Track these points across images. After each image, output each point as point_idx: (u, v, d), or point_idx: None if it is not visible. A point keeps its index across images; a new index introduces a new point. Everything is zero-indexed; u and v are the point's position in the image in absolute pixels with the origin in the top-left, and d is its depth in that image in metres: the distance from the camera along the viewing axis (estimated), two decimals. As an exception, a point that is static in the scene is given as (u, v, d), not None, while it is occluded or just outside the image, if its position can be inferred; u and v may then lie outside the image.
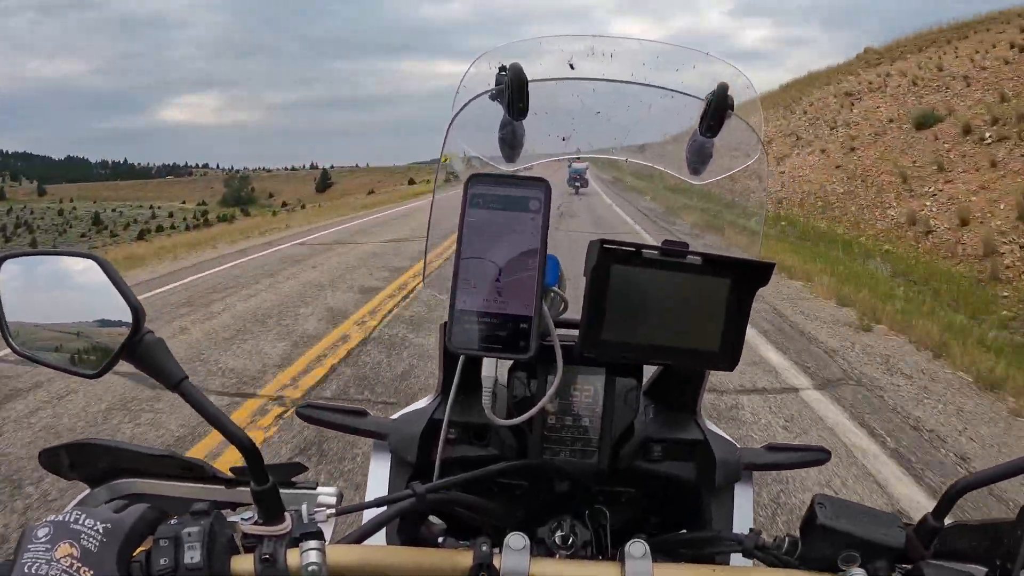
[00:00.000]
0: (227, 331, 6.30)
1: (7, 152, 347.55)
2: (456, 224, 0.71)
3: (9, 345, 0.69)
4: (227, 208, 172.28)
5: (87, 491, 0.81)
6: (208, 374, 5.05)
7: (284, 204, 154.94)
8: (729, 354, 0.79)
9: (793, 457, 1.00)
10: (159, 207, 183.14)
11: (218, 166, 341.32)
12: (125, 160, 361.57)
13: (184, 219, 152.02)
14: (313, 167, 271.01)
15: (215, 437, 3.75)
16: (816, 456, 1.00)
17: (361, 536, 0.72)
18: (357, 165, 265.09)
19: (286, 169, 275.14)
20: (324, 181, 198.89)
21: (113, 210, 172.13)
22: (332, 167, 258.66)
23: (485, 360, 0.80)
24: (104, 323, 0.67)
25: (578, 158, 0.97)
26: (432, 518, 0.93)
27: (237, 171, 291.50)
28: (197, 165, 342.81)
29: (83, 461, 0.80)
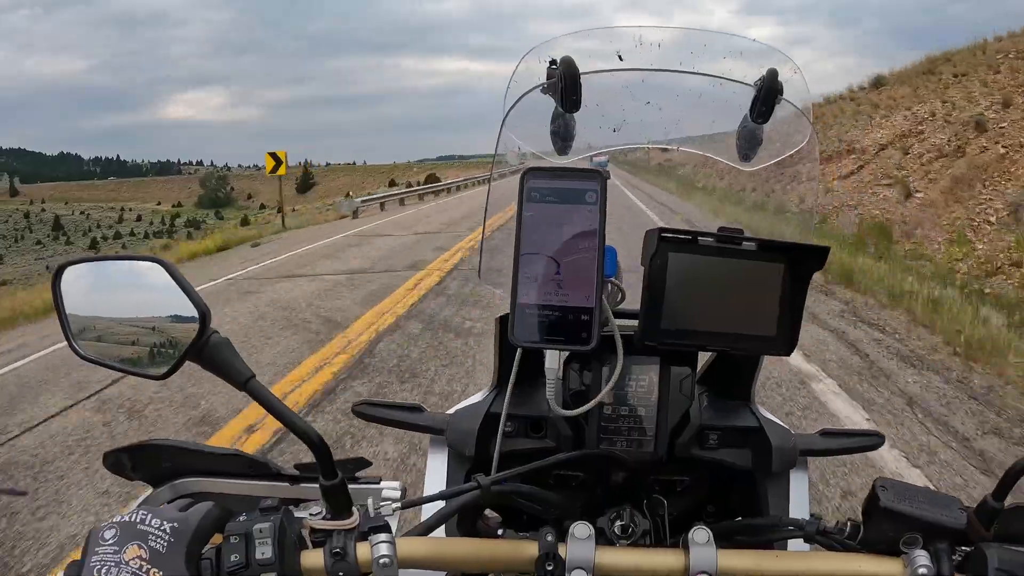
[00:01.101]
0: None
1: (1, 148, 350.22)
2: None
3: (73, 349, 0.71)
4: (202, 210, 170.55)
5: (149, 491, 0.82)
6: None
7: (262, 206, 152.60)
8: (786, 339, 0.81)
9: (847, 442, 1.03)
10: (131, 208, 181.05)
11: (212, 163, 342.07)
12: (118, 157, 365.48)
13: (151, 222, 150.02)
14: (306, 165, 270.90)
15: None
16: (870, 441, 1.03)
17: (427, 529, 0.75)
18: (354, 163, 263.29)
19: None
20: (306, 181, 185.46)
21: (82, 212, 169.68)
22: (328, 164, 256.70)
23: (548, 353, 0.81)
24: (170, 324, 0.69)
25: (598, 153, 0.99)
26: (488, 511, 0.95)
27: (228, 168, 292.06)
28: (191, 162, 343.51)
29: (145, 462, 0.82)
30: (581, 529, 0.70)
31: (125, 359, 0.72)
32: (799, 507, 0.96)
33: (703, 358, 1.01)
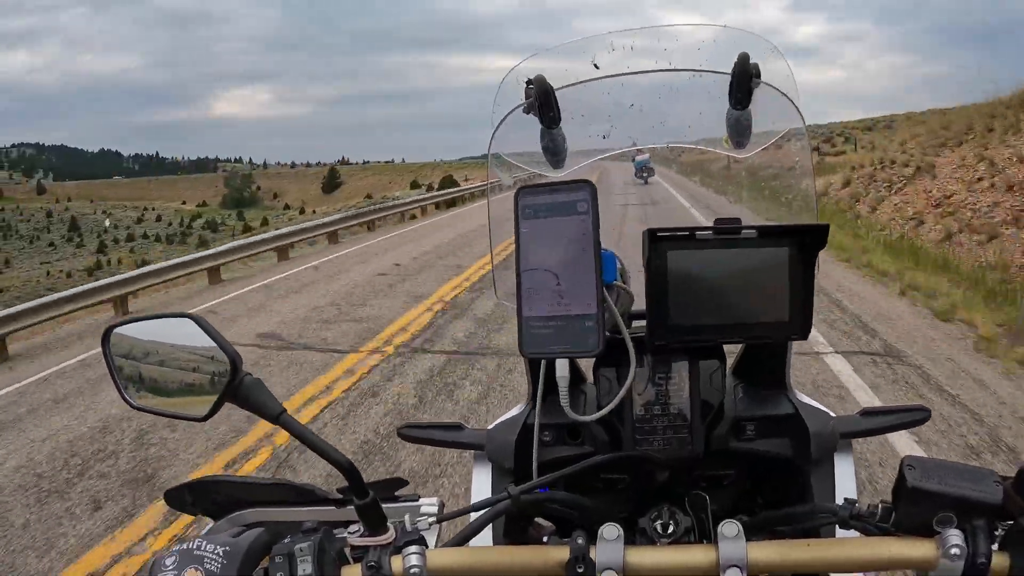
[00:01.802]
0: None
1: (44, 145, 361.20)
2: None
3: (125, 400, 0.81)
4: (226, 210, 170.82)
5: (211, 524, 0.90)
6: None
7: (287, 207, 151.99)
8: (800, 322, 0.83)
9: (890, 420, 1.01)
10: (153, 208, 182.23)
11: (250, 160, 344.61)
12: (157, 154, 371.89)
13: (169, 223, 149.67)
14: (344, 162, 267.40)
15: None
16: (915, 416, 1.00)
17: (462, 540, 0.79)
18: (392, 160, 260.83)
19: (315, 164, 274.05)
20: (332, 181, 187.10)
21: (104, 212, 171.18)
22: (365, 162, 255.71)
23: (558, 361, 0.85)
24: (205, 371, 0.77)
25: (640, 151, 1.03)
26: (541, 520, 0.98)
27: (265, 166, 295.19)
28: (229, 159, 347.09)
29: (204, 497, 0.91)
30: (610, 531, 0.71)
31: (170, 405, 0.81)
32: (845, 491, 0.95)
33: (733, 351, 1.03)
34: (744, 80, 0.89)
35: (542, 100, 0.90)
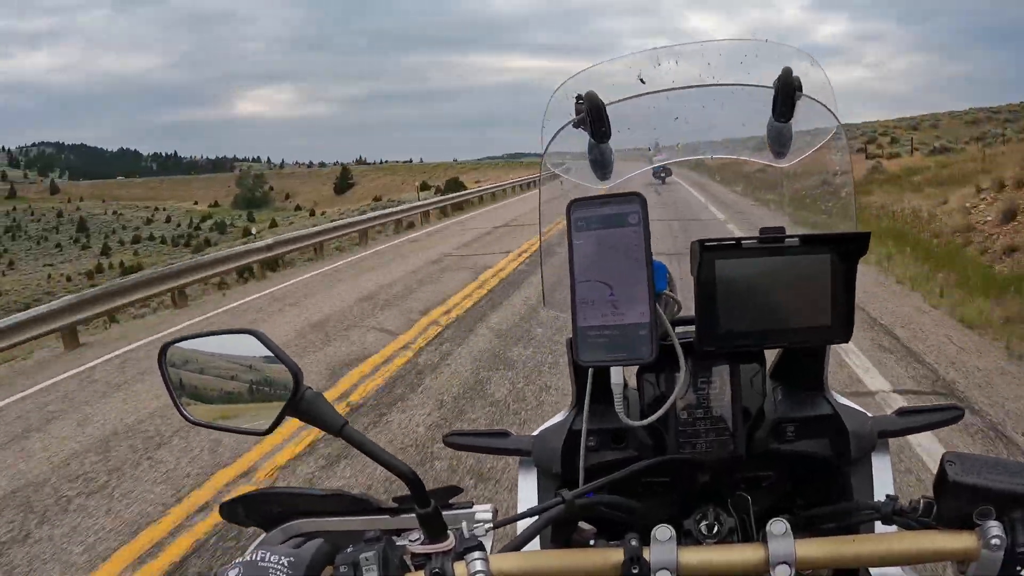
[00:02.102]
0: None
1: (64, 144, 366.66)
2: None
3: (182, 415, 0.83)
4: (237, 210, 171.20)
5: (263, 535, 0.92)
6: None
7: (298, 207, 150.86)
8: (843, 326, 0.86)
9: (925, 419, 1.04)
10: (164, 208, 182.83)
11: (268, 160, 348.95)
12: (175, 153, 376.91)
13: (179, 224, 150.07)
14: (361, 162, 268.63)
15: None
16: (949, 415, 1.04)
17: (518, 545, 0.81)
18: (411, 160, 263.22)
19: (331, 164, 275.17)
20: (344, 181, 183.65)
21: (115, 212, 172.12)
22: (383, 162, 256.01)
23: (612, 369, 0.88)
24: (267, 385, 0.79)
25: (663, 163, 1.05)
26: (583, 524, 1.01)
27: (282, 165, 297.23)
28: (247, 159, 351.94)
29: (257, 509, 0.93)
30: (663, 532, 0.73)
31: (230, 419, 0.82)
32: (883, 488, 0.98)
33: (772, 354, 1.06)
34: (788, 93, 0.92)
35: (593, 116, 0.93)
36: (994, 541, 0.68)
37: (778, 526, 0.72)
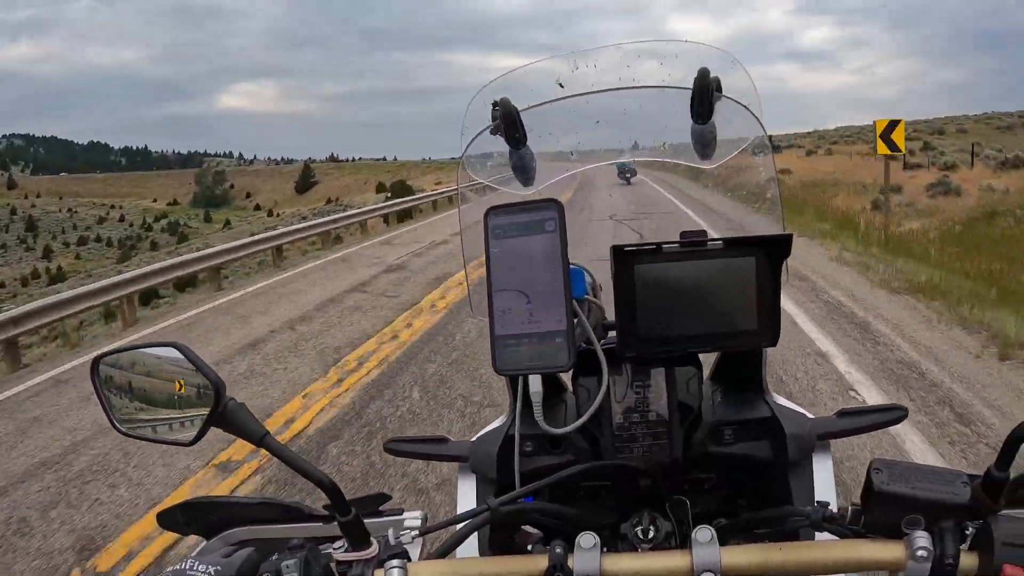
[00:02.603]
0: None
1: (34, 136, 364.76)
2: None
3: (115, 427, 0.85)
4: (196, 209, 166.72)
5: (203, 543, 0.94)
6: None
7: (257, 207, 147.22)
8: (769, 330, 0.87)
9: (867, 420, 1.03)
10: (122, 206, 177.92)
11: (240, 156, 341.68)
12: (145, 147, 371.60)
13: (131, 223, 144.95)
14: (333, 159, 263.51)
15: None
16: (891, 416, 1.03)
17: (444, 552, 0.82)
18: (383, 158, 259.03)
19: (299, 161, 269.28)
20: (306, 180, 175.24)
21: (69, 210, 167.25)
22: (356, 159, 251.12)
23: (531, 377, 0.89)
24: (192, 397, 0.80)
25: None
26: (527, 527, 1.01)
27: (251, 161, 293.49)
28: (220, 154, 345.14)
29: (196, 518, 0.94)
30: (587, 539, 0.73)
31: (158, 431, 0.84)
32: (824, 492, 0.98)
33: (711, 357, 1.06)
34: (705, 94, 0.92)
35: (507, 121, 0.94)
36: (920, 552, 0.67)
37: (703, 533, 0.72)
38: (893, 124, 11.59)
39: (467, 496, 1.06)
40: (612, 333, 0.99)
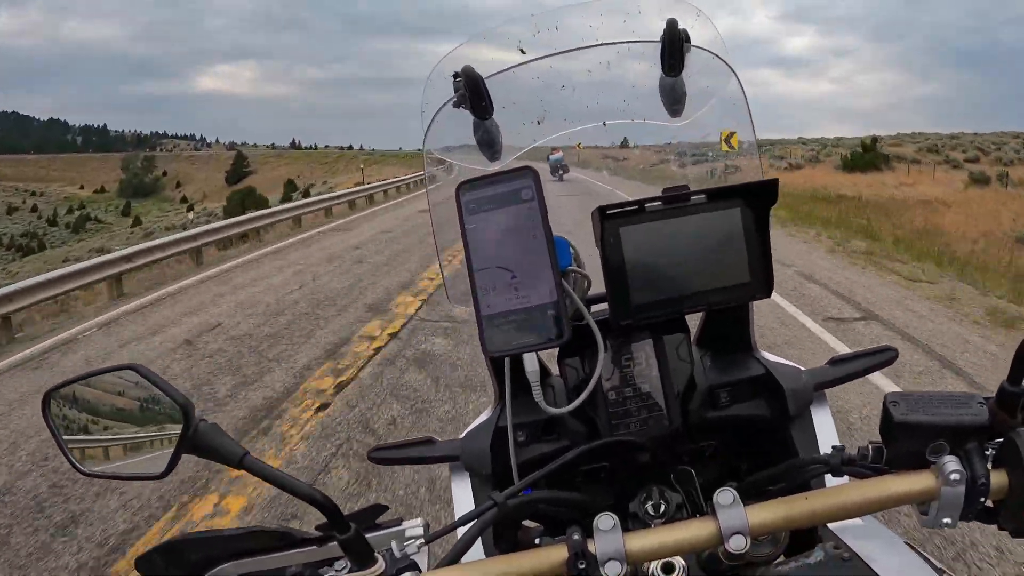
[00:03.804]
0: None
1: None
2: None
3: (76, 469, 0.78)
4: (122, 199, 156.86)
5: None
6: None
7: (184, 200, 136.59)
8: (762, 281, 0.87)
9: (859, 364, 1.04)
10: (42, 193, 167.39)
11: (202, 138, 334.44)
12: (104, 126, 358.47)
13: (40, 216, 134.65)
14: (295, 146, 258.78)
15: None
16: (883, 357, 1.04)
17: (455, 557, 0.78)
18: (350, 146, 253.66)
19: (257, 146, 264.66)
20: (239, 169, 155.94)
21: None
22: (315, 146, 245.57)
23: (525, 356, 0.86)
24: (158, 424, 0.75)
25: (554, 149, 1.04)
26: (527, 522, 0.99)
27: (209, 144, 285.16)
28: (182, 136, 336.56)
29: (178, 559, 0.88)
30: (605, 521, 0.71)
31: (125, 466, 0.78)
32: (827, 440, 0.98)
33: (695, 320, 1.05)
34: (676, 46, 0.91)
35: (472, 91, 0.90)
36: (953, 476, 0.67)
37: (725, 496, 0.70)
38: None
39: (464, 496, 1.02)
40: (596, 307, 0.97)
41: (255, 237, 15.91)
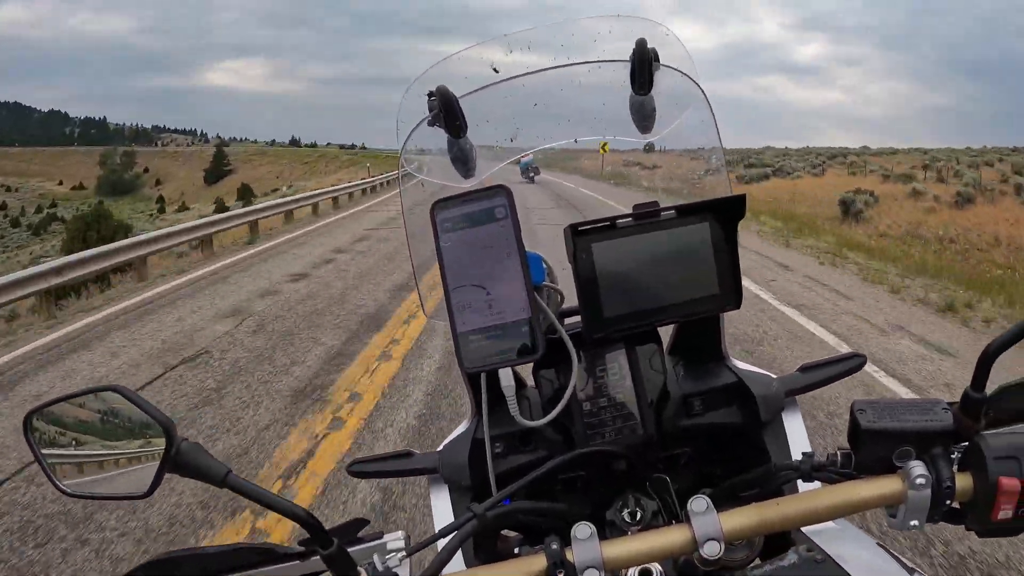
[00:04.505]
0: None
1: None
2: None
3: (59, 489, 0.79)
4: (102, 196, 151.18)
5: None
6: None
7: (159, 200, 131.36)
8: (732, 293, 0.90)
9: (829, 371, 1.07)
10: (17, 189, 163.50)
11: (202, 134, 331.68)
12: (104, 119, 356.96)
13: (6, 215, 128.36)
14: (294, 143, 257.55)
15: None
16: (851, 364, 1.07)
17: (436, 569, 0.79)
18: (352, 145, 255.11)
19: (270, 143, 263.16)
20: (218, 167, 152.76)
21: None
22: (315, 144, 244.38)
23: (501, 371, 0.88)
24: (141, 444, 0.76)
25: (525, 152, 1.07)
26: (506, 532, 1.01)
27: (204, 138, 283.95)
28: (176, 130, 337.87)
29: None
30: (582, 530, 0.72)
31: (108, 486, 0.79)
32: (799, 446, 1.01)
33: (668, 331, 1.08)
34: (644, 65, 0.94)
35: (447, 110, 0.92)
36: (919, 480, 0.70)
37: (699, 503, 0.72)
38: None
39: (443, 508, 1.04)
40: (569, 320, 1.00)
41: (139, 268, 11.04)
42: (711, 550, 0.70)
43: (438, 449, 1.07)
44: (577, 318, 0.96)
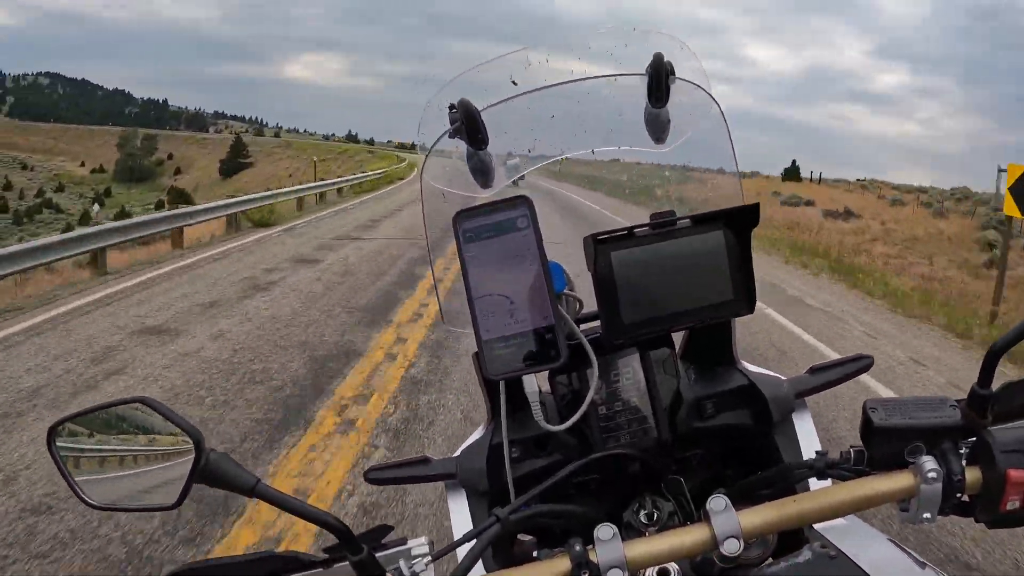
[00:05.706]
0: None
1: (64, 76, 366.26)
2: None
3: (84, 501, 0.79)
4: (118, 181, 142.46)
5: None
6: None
7: (171, 190, 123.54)
8: (745, 298, 0.93)
9: (838, 372, 1.10)
10: (41, 166, 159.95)
11: (257, 119, 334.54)
12: (165, 101, 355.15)
13: (5, 200, 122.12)
14: (351, 137, 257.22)
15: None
16: (860, 364, 1.10)
17: (462, 573, 0.80)
18: (412, 144, 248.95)
19: (328, 137, 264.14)
20: (234, 160, 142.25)
21: None
22: (389, 141, 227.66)
23: (525, 377, 0.91)
24: (169, 455, 0.77)
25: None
26: (521, 536, 1.01)
27: (258, 126, 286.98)
28: (233, 116, 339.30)
29: None
30: (605, 531, 0.73)
31: (135, 498, 0.80)
32: (810, 446, 1.04)
33: (680, 336, 1.11)
34: (661, 78, 0.96)
35: (468, 123, 0.95)
36: (931, 474, 0.72)
37: (718, 502, 0.73)
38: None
39: (461, 513, 1.05)
40: (585, 325, 1.02)
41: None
42: (731, 547, 0.71)
43: (455, 455, 1.08)
44: (594, 324, 0.98)
